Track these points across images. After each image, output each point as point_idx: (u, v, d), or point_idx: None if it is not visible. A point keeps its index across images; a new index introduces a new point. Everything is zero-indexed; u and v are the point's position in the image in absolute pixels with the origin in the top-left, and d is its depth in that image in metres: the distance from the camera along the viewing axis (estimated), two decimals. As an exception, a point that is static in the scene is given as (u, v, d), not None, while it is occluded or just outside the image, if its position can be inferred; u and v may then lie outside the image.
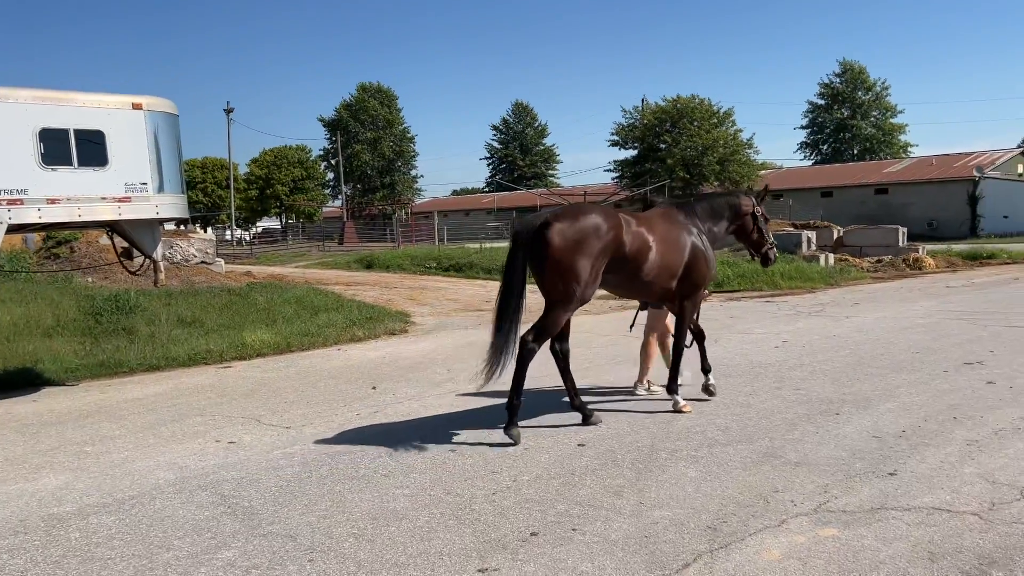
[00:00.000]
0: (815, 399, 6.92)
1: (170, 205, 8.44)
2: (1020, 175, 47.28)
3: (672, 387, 6.78)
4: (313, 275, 24.42)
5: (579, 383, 6.72)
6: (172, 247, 19.76)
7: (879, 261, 22.37)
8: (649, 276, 6.32)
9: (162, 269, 9.14)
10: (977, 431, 5.80)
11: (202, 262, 20.08)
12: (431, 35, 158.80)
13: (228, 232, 62.32)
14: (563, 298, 5.91)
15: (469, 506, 4.55)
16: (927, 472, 4.93)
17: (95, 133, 7.78)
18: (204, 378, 9.11)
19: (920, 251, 23.20)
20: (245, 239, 62.82)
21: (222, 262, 21.16)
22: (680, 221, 6.73)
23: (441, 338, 11.48)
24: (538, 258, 5.88)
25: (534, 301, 6.25)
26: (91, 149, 7.76)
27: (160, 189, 8.27)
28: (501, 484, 4.92)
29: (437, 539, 4.11)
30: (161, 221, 8.82)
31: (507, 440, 5.76)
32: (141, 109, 8.12)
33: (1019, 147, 54.58)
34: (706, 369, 7.18)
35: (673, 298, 6.72)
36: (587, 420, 6.33)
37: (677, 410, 6.61)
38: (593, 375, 8.35)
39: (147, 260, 9.05)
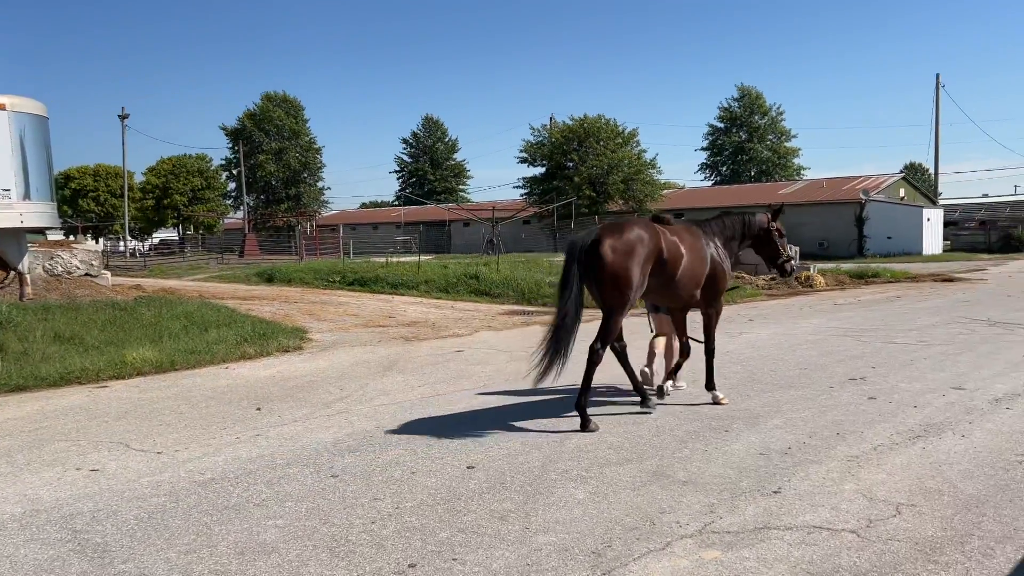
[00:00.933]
0: (706, 416, 6.97)
1: (37, 213, 7.86)
2: (902, 198, 50.20)
3: (710, 383, 7.54)
4: (209, 289, 23.44)
5: (484, 399, 6.55)
6: (53, 258, 18.53)
7: (773, 279, 23.16)
8: (680, 282, 7.06)
9: (28, 282, 8.49)
10: (858, 447, 5.93)
11: (86, 275, 18.90)
12: (339, 46, 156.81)
13: (122, 243, 59.39)
14: (620, 304, 6.62)
15: (345, 537, 4.30)
16: (809, 489, 4.98)
17: (-51, 134, 7.17)
18: (75, 399, 8.48)
19: (811, 270, 24.15)
20: (140, 250, 60.04)
21: (109, 275, 20.00)
22: (702, 235, 7.49)
23: (337, 355, 11.11)
24: (595, 272, 6.57)
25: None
26: (-57, 151, 7.14)
27: (26, 196, 7.69)
28: (382, 512, 4.68)
29: (307, 574, 3.84)
30: (27, 230, 8.20)
31: (589, 429, 6.41)
32: (4, 110, 7.53)
33: (901, 172, 58.04)
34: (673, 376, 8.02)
35: (695, 304, 7.51)
36: (646, 403, 7.16)
37: (716, 402, 7.39)
38: (495, 386, 8.19)
39: (12, 272, 8.39)
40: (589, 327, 6.87)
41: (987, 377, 8.56)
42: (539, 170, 55.14)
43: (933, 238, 44.00)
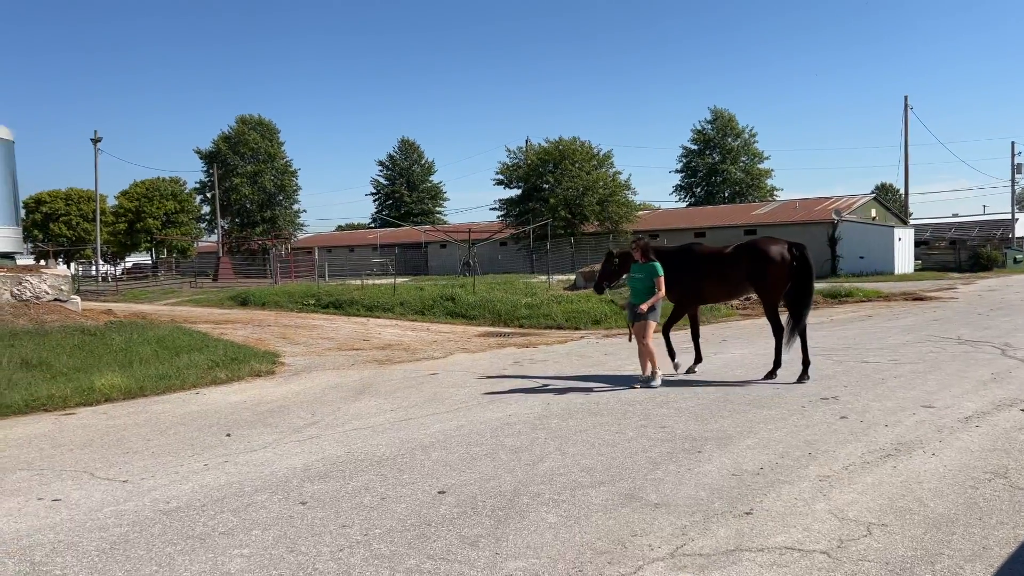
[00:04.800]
0: (679, 436, 6.96)
1: (1, 239, 7.71)
2: (873, 218, 50.93)
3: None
4: (182, 313, 23.19)
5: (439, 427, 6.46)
6: (21, 283, 18.23)
7: (748, 299, 23.30)
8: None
9: (-8, 308, 8.31)
10: (829, 466, 5.95)
11: (55, 299, 18.60)
12: (315, 68, 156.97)
13: (94, 267, 58.59)
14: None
15: (312, 565, 4.22)
16: (781, 510, 4.98)
17: (-90, 158, 7.04)
18: (40, 427, 8.30)
19: (785, 289, 24.33)
20: (112, 275, 59.26)
21: (79, 300, 19.69)
22: None
23: (310, 379, 11.00)
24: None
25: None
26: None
27: (-10, 220, 7.55)
28: (351, 539, 4.61)
29: (272, 605, 3.76)
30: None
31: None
32: (-32, 133, 7.42)
33: (872, 192, 58.94)
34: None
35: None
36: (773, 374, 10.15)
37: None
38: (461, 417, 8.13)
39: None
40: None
41: (957, 395, 8.65)
42: (515, 192, 55.30)
43: (904, 257, 44.62)
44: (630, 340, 10.19)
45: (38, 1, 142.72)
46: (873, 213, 52.06)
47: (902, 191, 56.82)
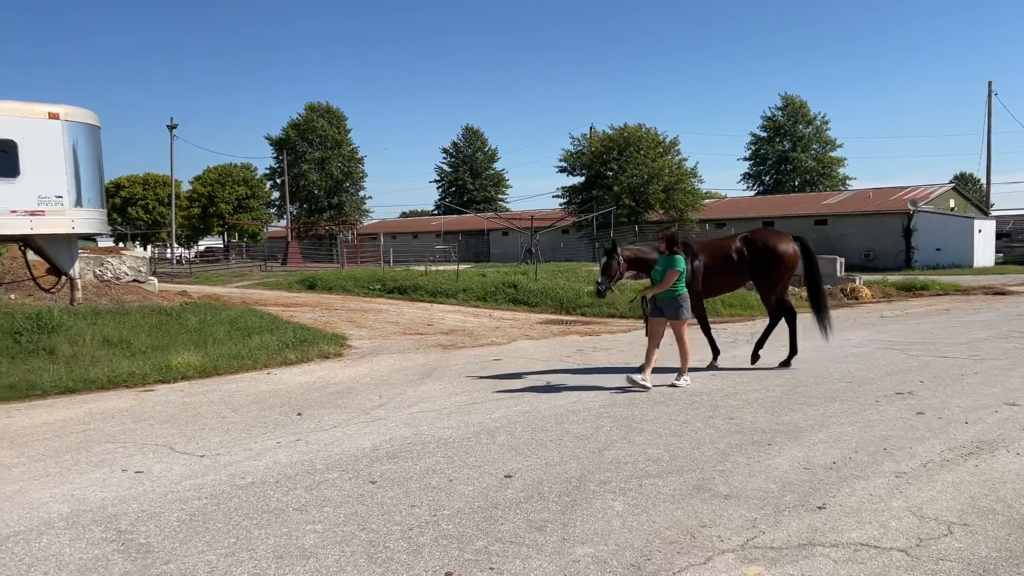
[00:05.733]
0: (748, 429, 6.85)
1: (88, 220, 8.05)
2: (952, 209, 49.04)
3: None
4: (253, 295, 23.83)
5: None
6: (103, 264, 19.00)
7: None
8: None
9: (79, 287, 8.69)
10: (906, 463, 5.77)
11: (135, 280, 19.34)
12: (382, 56, 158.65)
13: (169, 250, 60.69)
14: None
15: (383, 543, 4.30)
16: (856, 505, 4.85)
17: (6, 142, 7.37)
18: (122, 402, 8.65)
19: (857, 281, 23.68)
20: (186, 258, 61.27)
21: (155, 281, 20.44)
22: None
23: (377, 362, 11.18)
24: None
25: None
26: (1, 159, 7.35)
27: (77, 203, 7.88)
28: (420, 519, 4.68)
29: (345, 580, 3.85)
30: (79, 237, 8.41)
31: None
32: (58, 119, 7.73)
33: (951, 182, 56.65)
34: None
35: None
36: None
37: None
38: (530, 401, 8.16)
39: (64, 277, 8.60)
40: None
41: (1042, 393, 8.28)
42: (578, 179, 55.03)
43: (984, 250, 42.83)
44: (647, 334, 9.34)
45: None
46: (952, 204, 50.10)
47: (983, 181, 54.59)
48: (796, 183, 74.53)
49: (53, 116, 7.73)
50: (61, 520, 4.75)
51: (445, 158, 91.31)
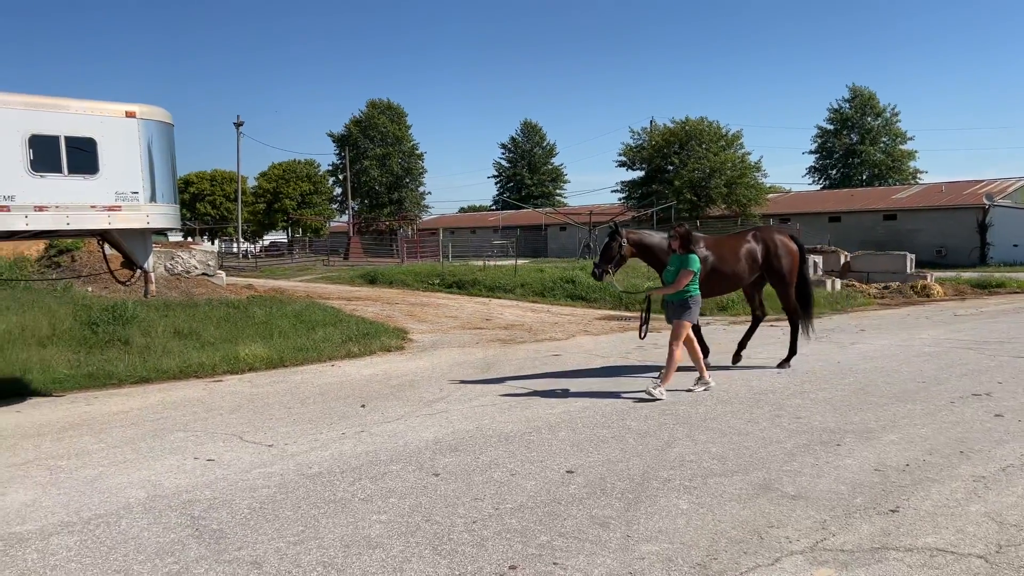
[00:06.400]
0: (815, 429, 6.69)
1: (162, 215, 8.30)
2: (1030, 204, 46.98)
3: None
4: (315, 289, 24.29)
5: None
6: (173, 258, 19.65)
7: (886, 287, 22.09)
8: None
9: (153, 280, 8.99)
10: (985, 467, 5.56)
11: (203, 274, 19.95)
12: (442, 54, 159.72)
13: (235, 245, 62.33)
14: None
15: (448, 535, 4.34)
16: (931, 510, 4.70)
17: (86, 141, 7.65)
18: (193, 392, 8.93)
19: (928, 278, 22.90)
20: (251, 252, 62.85)
21: (223, 275, 21.02)
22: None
23: (437, 356, 11.28)
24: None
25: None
26: (81, 157, 7.63)
27: (152, 199, 8.13)
28: (483, 512, 4.71)
29: (410, 570, 3.90)
30: (153, 231, 8.69)
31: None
32: (134, 117, 7.99)
33: (1029, 176, 54.25)
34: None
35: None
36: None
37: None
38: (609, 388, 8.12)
39: (138, 271, 8.90)
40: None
41: None
42: (638, 173, 54.51)
43: (1066, 247, 40.96)
44: (641, 336, 8.91)
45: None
46: (1030, 198, 47.97)
47: (1065, 174, 52.04)
48: (864, 177, 72.36)
49: (130, 114, 7.99)
50: (139, 505, 4.93)
51: (503, 153, 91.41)
